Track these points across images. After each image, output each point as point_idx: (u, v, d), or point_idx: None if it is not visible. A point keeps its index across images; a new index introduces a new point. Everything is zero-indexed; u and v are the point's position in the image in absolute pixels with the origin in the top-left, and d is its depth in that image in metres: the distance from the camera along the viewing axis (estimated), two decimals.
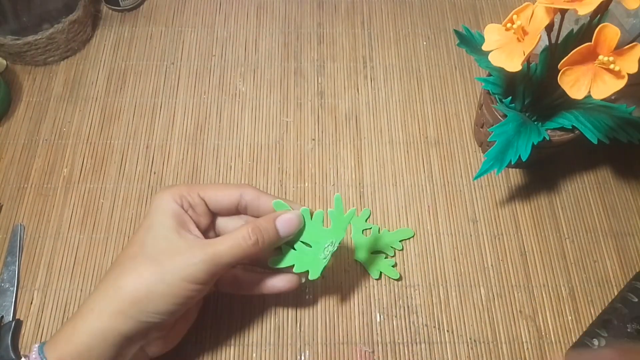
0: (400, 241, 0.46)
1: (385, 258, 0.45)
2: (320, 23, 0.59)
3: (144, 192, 0.48)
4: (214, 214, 0.38)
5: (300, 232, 0.37)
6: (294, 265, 0.37)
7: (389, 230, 0.46)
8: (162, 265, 0.32)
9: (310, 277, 0.36)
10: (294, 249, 0.37)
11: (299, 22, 0.59)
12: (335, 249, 0.36)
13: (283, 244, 0.37)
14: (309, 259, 0.37)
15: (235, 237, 0.33)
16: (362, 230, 0.47)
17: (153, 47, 0.57)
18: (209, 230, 0.38)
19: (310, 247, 0.37)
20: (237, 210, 0.38)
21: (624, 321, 0.40)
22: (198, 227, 0.36)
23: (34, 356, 0.32)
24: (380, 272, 0.45)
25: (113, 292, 0.32)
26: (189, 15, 0.59)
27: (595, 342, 0.40)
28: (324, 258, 0.36)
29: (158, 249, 0.33)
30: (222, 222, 0.39)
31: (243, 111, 0.53)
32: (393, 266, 0.45)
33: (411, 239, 0.47)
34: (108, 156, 0.50)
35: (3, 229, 0.46)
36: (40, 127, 0.51)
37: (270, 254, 0.37)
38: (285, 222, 0.35)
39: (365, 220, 0.47)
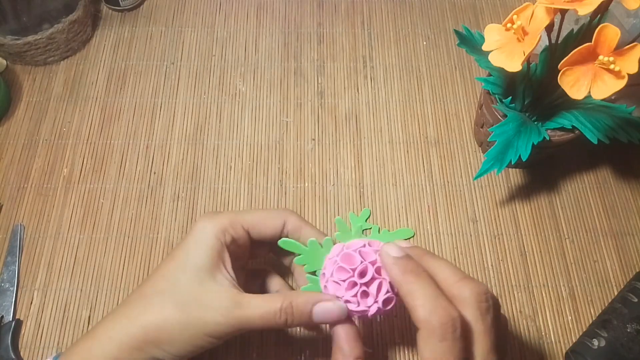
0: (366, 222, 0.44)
1: None
2: (320, 23, 0.59)
3: (144, 192, 0.48)
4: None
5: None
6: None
7: (388, 230, 0.46)
8: (189, 316, 0.31)
9: None
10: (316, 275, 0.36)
11: (299, 22, 0.59)
12: None
13: (309, 275, 0.36)
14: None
15: (268, 310, 0.32)
16: (362, 230, 0.46)
17: (153, 47, 0.57)
18: (245, 261, 0.38)
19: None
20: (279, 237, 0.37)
21: (624, 321, 0.40)
22: (239, 258, 0.36)
23: None
24: None
25: (135, 329, 0.32)
26: (189, 15, 0.59)
27: (595, 342, 0.40)
28: None
29: (189, 295, 0.32)
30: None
31: (243, 111, 0.53)
32: None
33: (411, 239, 0.47)
34: (108, 156, 0.50)
35: (3, 229, 0.46)
36: (40, 127, 0.51)
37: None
38: (323, 312, 0.33)
39: (365, 220, 0.47)
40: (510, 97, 0.44)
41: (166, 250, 0.46)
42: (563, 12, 0.37)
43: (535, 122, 0.45)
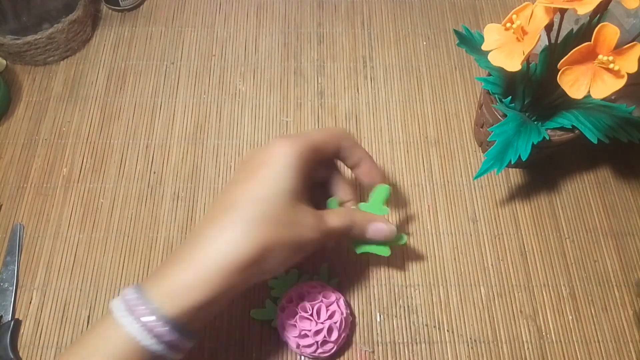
0: (383, 202, 0.40)
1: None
2: (320, 23, 0.59)
3: (144, 192, 0.48)
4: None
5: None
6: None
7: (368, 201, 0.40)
8: (292, 236, 0.33)
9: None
10: None
11: (299, 22, 0.59)
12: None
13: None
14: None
15: (342, 223, 0.37)
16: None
17: (153, 47, 0.57)
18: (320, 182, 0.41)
19: None
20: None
21: None
22: (316, 178, 0.39)
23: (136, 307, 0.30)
24: (389, 247, 0.40)
25: (238, 253, 0.31)
26: (189, 15, 0.59)
27: None
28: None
29: (287, 217, 0.33)
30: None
31: (243, 111, 0.53)
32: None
33: (411, 239, 0.47)
34: (108, 156, 0.50)
35: (2, 229, 0.46)
36: (40, 126, 0.51)
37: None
38: (376, 229, 0.38)
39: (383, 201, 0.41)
40: (510, 96, 0.44)
41: (166, 250, 0.46)
42: (562, 11, 0.37)
43: (535, 122, 0.45)
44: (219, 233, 0.32)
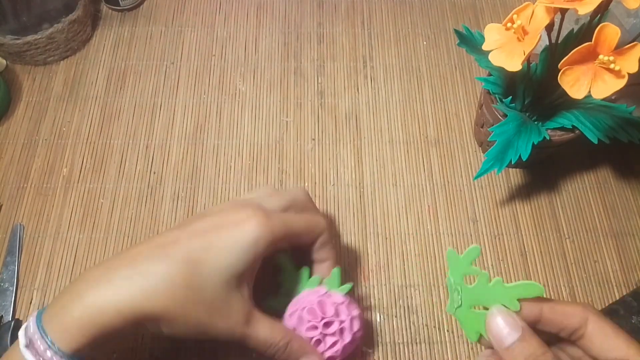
0: (519, 300, 0.29)
1: None
2: (320, 23, 0.59)
3: (144, 192, 0.48)
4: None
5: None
6: None
7: (504, 282, 0.30)
8: (206, 318, 0.31)
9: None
10: None
11: (299, 22, 0.59)
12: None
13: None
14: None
15: (268, 339, 0.34)
16: (464, 276, 0.32)
17: (153, 47, 0.57)
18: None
19: None
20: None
21: (631, 312, 0.41)
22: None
23: (32, 332, 0.29)
24: (480, 335, 0.31)
25: (141, 302, 0.30)
26: (189, 15, 0.59)
27: None
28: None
29: (213, 297, 0.31)
30: None
31: (243, 111, 0.53)
32: None
33: (411, 239, 0.47)
34: (108, 156, 0.50)
35: (2, 229, 0.46)
36: (40, 126, 0.51)
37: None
38: None
39: (471, 263, 0.32)
40: (511, 96, 0.44)
41: None
42: (563, 11, 0.37)
43: (536, 122, 0.45)
44: (130, 274, 0.30)
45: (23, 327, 0.30)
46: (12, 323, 0.41)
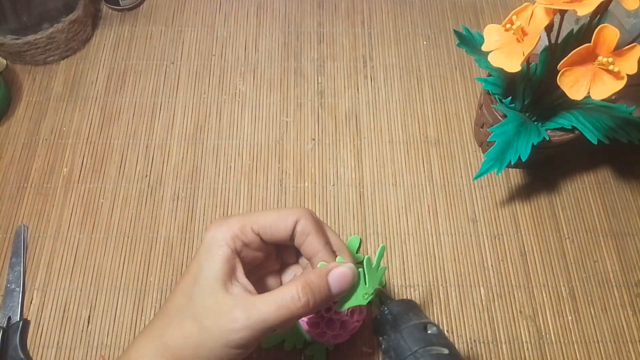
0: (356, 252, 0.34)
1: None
2: (320, 22, 0.59)
3: (144, 192, 0.48)
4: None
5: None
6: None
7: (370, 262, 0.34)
8: (206, 329, 0.30)
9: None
10: None
11: (299, 22, 0.59)
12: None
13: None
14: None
15: (283, 299, 0.30)
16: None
17: (153, 46, 0.57)
18: (269, 264, 0.36)
19: None
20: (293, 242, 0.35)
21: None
22: (253, 262, 0.34)
23: None
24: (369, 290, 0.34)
25: (161, 349, 0.30)
26: (189, 15, 0.59)
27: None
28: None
29: (203, 307, 0.31)
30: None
31: (243, 111, 0.53)
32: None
33: (411, 239, 0.47)
34: (108, 156, 0.50)
35: (3, 229, 0.46)
36: (40, 126, 0.51)
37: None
38: (338, 278, 0.31)
39: (356, 252, 0.38)
40: (510, 97, 0.44)
41: (166, 250, 0.46)
42: (562, 12, 0.37)
43: (535, 122, 0.45)
44: (151, 329, 0.32)
45: None
46: (21, 323, 0.42)
